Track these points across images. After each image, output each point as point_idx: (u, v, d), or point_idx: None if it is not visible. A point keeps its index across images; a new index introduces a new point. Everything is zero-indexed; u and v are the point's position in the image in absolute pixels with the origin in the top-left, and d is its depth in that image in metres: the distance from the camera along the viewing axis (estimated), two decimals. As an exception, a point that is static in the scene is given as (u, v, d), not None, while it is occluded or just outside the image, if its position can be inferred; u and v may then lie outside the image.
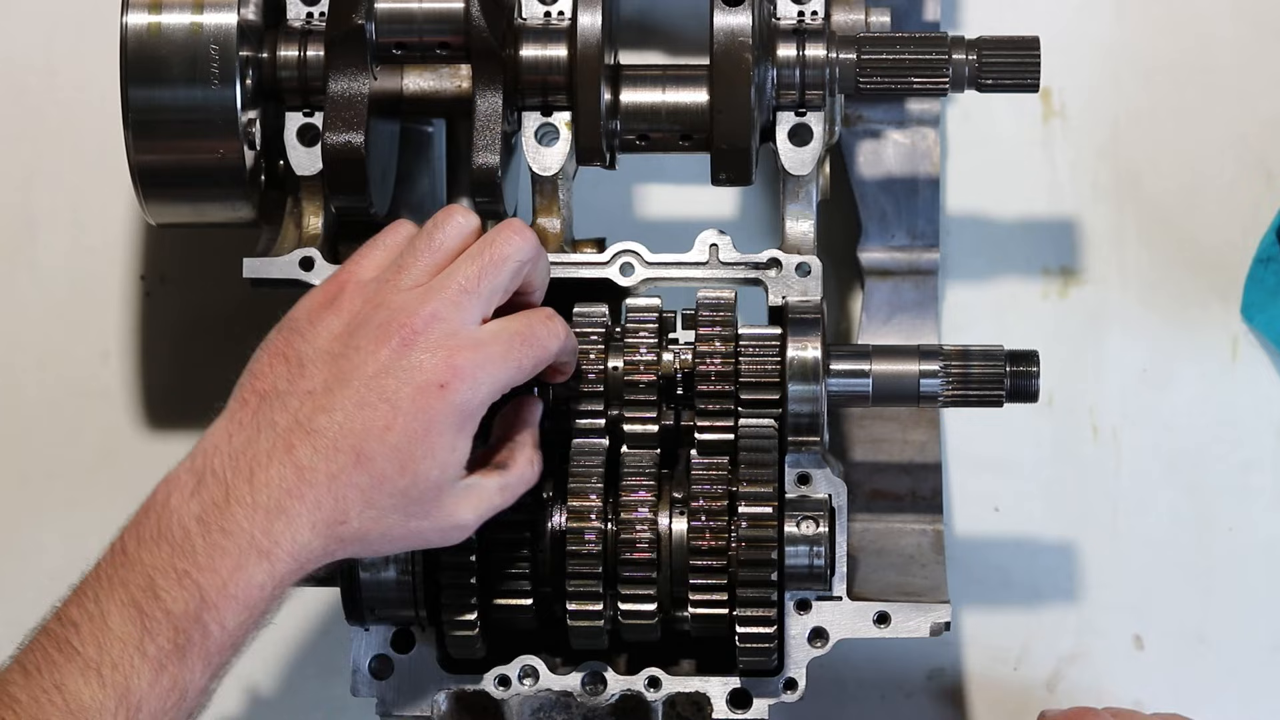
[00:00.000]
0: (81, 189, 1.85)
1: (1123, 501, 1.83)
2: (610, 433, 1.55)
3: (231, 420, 1.41)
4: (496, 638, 1.56)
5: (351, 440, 1.39)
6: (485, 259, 1.44)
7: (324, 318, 1.44)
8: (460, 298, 1.43)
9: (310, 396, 1.40)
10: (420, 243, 1.46)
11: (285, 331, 1.44)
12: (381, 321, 1.42)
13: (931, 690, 1.82)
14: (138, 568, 1.35)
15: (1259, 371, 1.83)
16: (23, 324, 1.85)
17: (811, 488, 1.54)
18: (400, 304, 1.42)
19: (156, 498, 1.38)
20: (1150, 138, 1.84)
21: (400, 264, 1.45)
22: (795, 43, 1.58)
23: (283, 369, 1.42)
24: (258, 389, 1.41)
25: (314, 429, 1.39)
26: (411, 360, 1.40)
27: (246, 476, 1.37)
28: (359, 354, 1.41)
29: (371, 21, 1.57)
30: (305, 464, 1.38)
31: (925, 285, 1.77)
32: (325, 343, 1.42)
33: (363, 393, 1.40)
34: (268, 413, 1.40)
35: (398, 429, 1.39)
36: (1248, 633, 1.82)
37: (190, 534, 1.35)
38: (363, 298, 1.44)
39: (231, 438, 1.39)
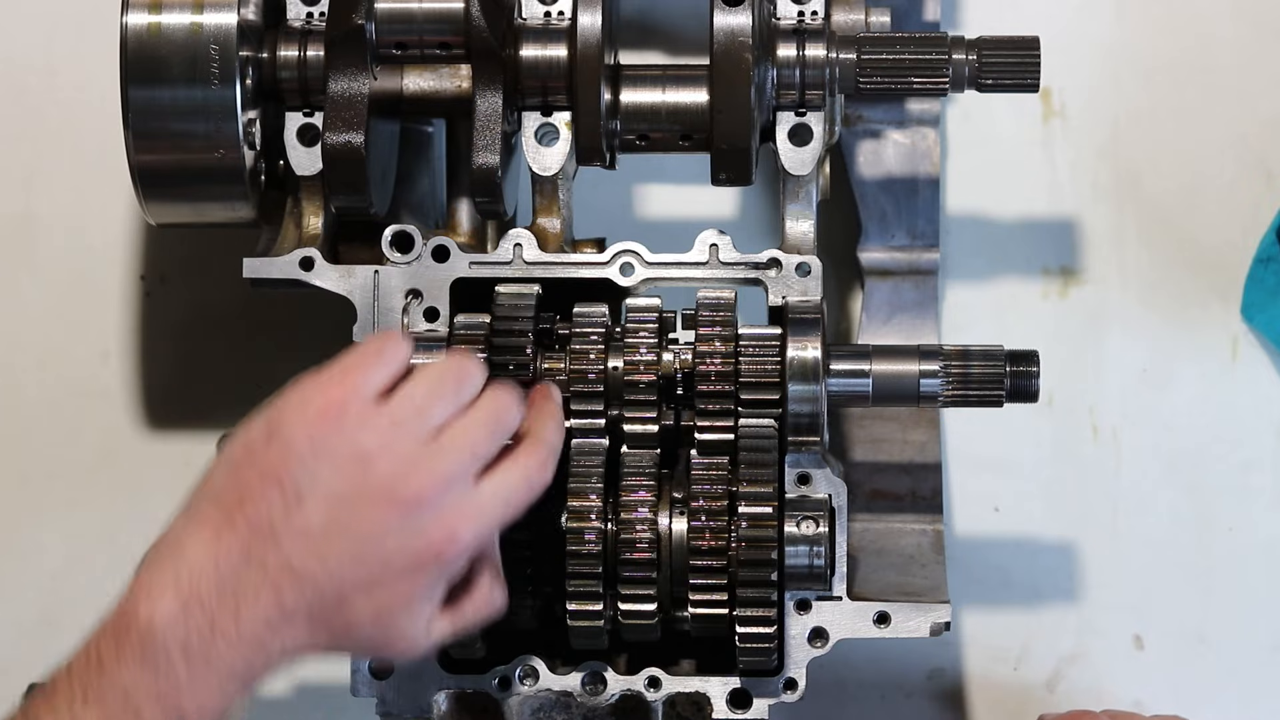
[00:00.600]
0: (81, 189, 1.85)
1: (1123, 501, 1.83)
2: (610, 433, 1.55)
3: (219, 542, 1.36)
4: (496, 638, 1.56)
5: (338, 588, 1.37)
6: (496, 428, 1.42)
7: (329, 443, 1.38)
8: (473, 464, 1.40)
9: (305, 538, 1.36)
10: (441, 389, 1.41)
11: (280, 447, 1.37)
12: (393, 474, 1.38)
13: (931, 690, 1.82)
14: (116, 684, 1.33)
15: (1259, 371, 1.83)
16: (23, 324, 1.85)
17: (811, 488, 1.54)
18: (414, 459, 1.38)
19: (139, 614, 1.34)
20: (1150, 138, 1.84)
21: (418, 406, 1.40)
22: (795, 43, 1.58)
23: (277, 498, 1.37)
24: (249, 516, 1.36)
25: (305, 573, 1.36)
26: (415, 525, 1.38)
27: (232, 610, 1.35)
28: (366, 506, 1.37)
29: (371, 21, 1.57)
30: (290, 605, 1.36)
31: (925, 285, 1.77)
32: (329, 477, 1.37)
33: (360, 549, 1.37)
34: (259, 548, 1.36)
35: (386, 587, 1.38)
36: (1248, 633, 1.82)
37: (173, 660, 1.33)
38: (374, 433, 1.38)
39: (218, 564, 1.35)
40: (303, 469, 1.37)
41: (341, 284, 1.57)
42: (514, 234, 1.57)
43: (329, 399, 1.39)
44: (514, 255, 1.57)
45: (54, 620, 1.82)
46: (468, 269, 1.57)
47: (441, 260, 1.57)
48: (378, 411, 1.40)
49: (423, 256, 1.56)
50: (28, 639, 1.82)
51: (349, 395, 1.39)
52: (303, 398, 1.40)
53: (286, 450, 1.37)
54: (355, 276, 1.57)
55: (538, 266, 1.57)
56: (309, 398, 1.39)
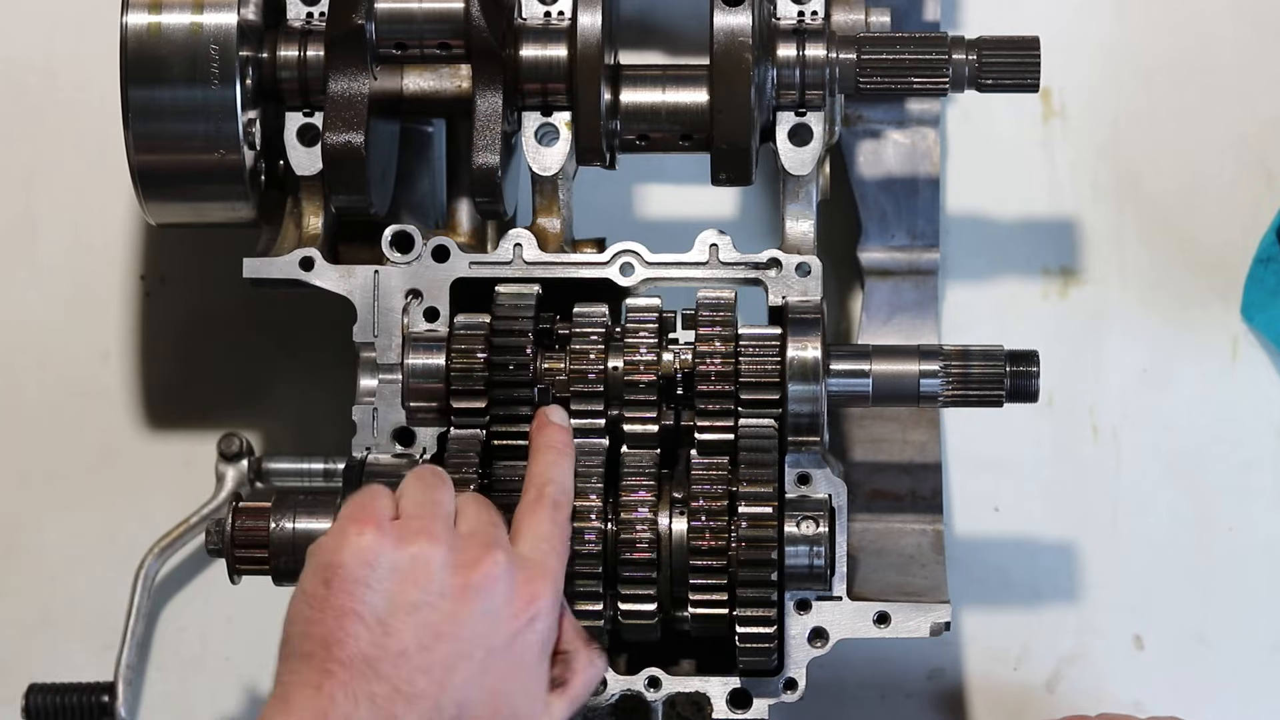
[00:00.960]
0: (81, 189, 1.85)
1: (1123, 501, 1.83)
2: (610, 433, 1.55)
3: (321, 694, 1.36)
4: (496, 638, 1.56)
5: (452, 696, 1.38)
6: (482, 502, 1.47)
7: (382, 562, 1.39)
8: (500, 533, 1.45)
9: (404, 659, 1.37)
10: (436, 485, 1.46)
11: (342, 583, 1.39)
12: (455, 563, 1.40)
13: (931, 690, 1.82)
14: None
15: (1259, 371, 1.83)
16: (23, 324, 1.85)
17: (811, 488, 1.54)
18: (462, 546, 1.42)
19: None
20: (1150, 138, 1.84)
21: (430, 501, 1.44)
22: (795, 43, 1.58)
23: (361, 630, 1.37)
24: (340, 658, 1.36)
25: (415, 693, 1.37)
26: (497, 600, 1.41)
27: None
28: (445, 602, 1.39)
29: (371, 21, 1.57)
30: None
31: (925, 285, 1.77)
32: (398, 593, 1.39)
33: (458, 648, 1.39)
34: (364, 684, 1.36)
35: (494, 671, 1.40)
36: (1248, 633, 1.82)
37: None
38: (413, 535, 1.41)
39: (328, 715, 1.35)
40: (372, 594, 1.39)
41: (341, 284, 1.57)
42: (514, 234, 1.57)
43: (362, 525, 1.41)
44: (514, 255, 1.57)
45: (54, 620, 1.82)
46: (468, 269, 1.57)
47: (441, 260, 1.57)
48: (402, 522, 1.42)
49: (423, 256, 1.56)
50: (28, 639, 1.82)
51: (377, 516, 1.42)
52: (338, 535, 1.41)
53: (350, 583, 1.39)
54: (355, 276, 1.57)
55: (538, 266, 1.57)
56: (344, 531, 1.41)
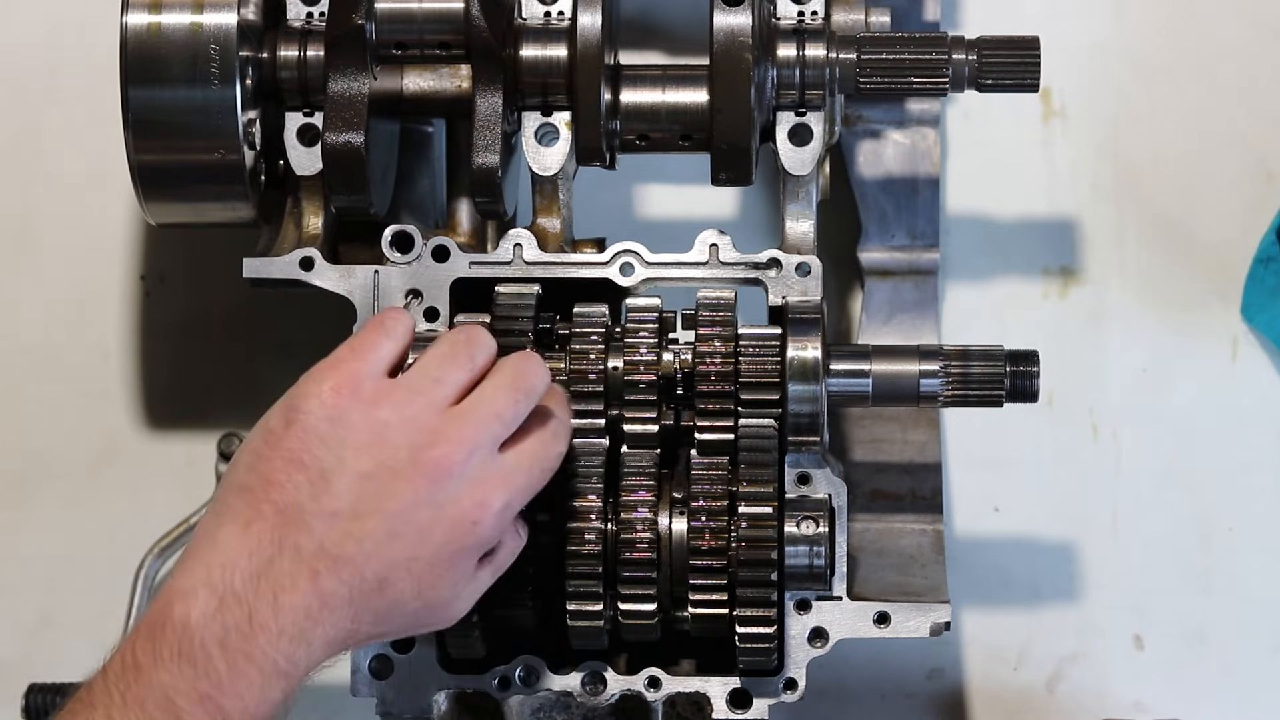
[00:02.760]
0: (81, 189, 1.85)
1: (1123, 501, 1.83)
2: (610, 433, 1.55)
3: (248, 533, 1.34)
4: (496, 638, 1.56)
5: (377, 568, 1.36)
6: (517, 389, 1.42)
7: (348, 419, 1.37)
8: (495, 427, 1.40)
9: (336, 520, 1.35)
10: (454, 357, 1.42)
11: (299, 430, 1.37)
12: (415, 444, 1.37)
13: (931, 690, 1.82)
14: (155, 688, 1.30)
15: (1259, 371, 1.83)
16: (23, 324, 1.85)
17: (811, 488, 1.54)
18: (436, 428, 1.38)
19: (174, 614, 1.32)
20: (1150, 138, 1.84)
21: (430, 375, 1.40)
22: (795, 43, 1.58)
23: (303, 481, 1.36)
24: (275, 501, 1.35)
25: (341, 556, 1.35)
26: (447, 493, 1.37)
27: (270, 601, 1.33)
28: (393, 479, 1.37)
29: (371, 21, 1.57)
30: (328, 590, 1.34)
31: (925, 285, 1.77)
32: (352, 456, 1.37)
33: (395, 524, 1.36)
34: (291, 533, 1.34)
35: (424, 559, 1.37)
36: (1248, 633, 1.82)
37: (213, 657, 1.31)
38: (391, 406, 1.38)
39: (251, 555, 1.34)
40: (325, 449, 1.37)
41: (341, 284, 1.57)
42: (514, 234, 1.57)
43: (342, 376, 1.39)
44: (514, 255, 1.57)
45: (54, 620, 1.82)
46: (468, 269, 1.57)
47: (441, 260, 1.57)
48: (392, 384, 1.40)
49: (423, 256, 1.56)
50: (28, 639, 1.82)
51: (361, 371, 1.39)
52: (316, 379, 1.39)
53: (306, 432, 1.37)
54: (355, 276, 1.57)
55: (538, 266, 1.57)
56: (322, 378, 1.39)
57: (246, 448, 1.39)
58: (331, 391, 1.38)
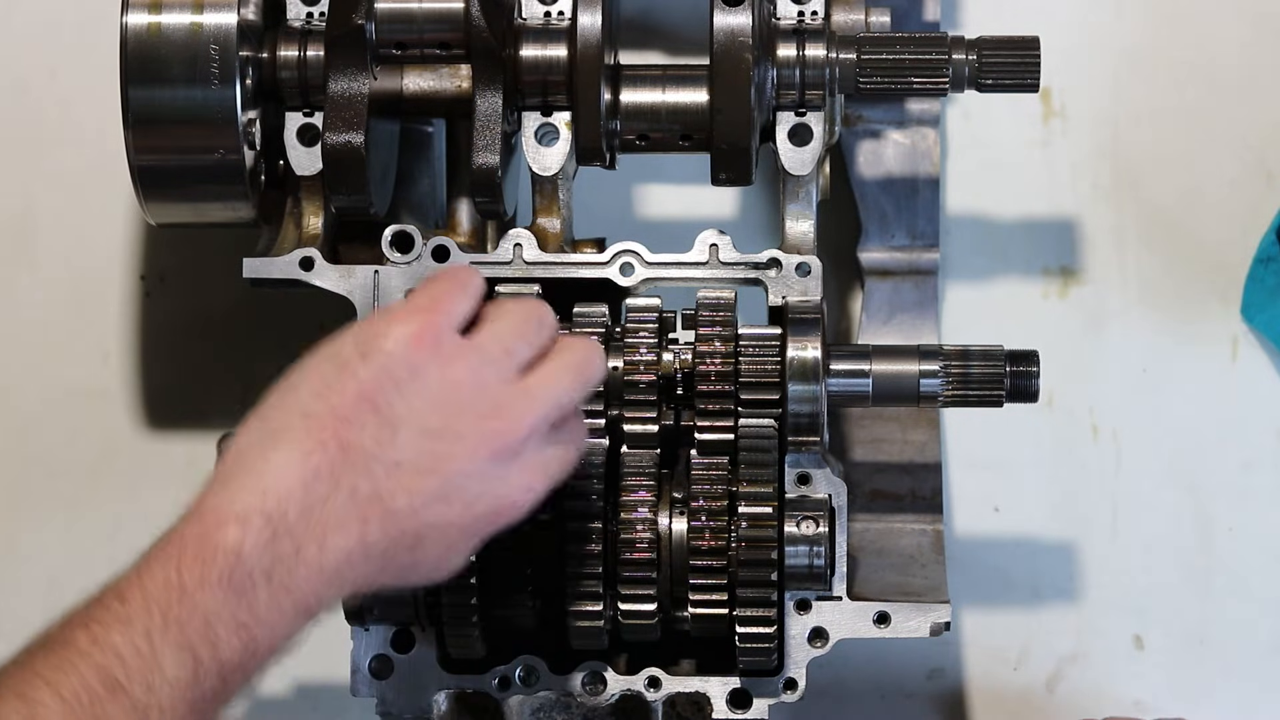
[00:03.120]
0: (81, 189, 1.85)
1: (1123, 501, 1.83)
2: (610, 433, 1.55)
3: (307, 463, 1.31)
4: (496, 638, 1.56)
5: (418, 527, 1.34)
6: (581, 377, 1.41)
7: (425, 372, 1.35)
8: (554, 413, 1.39)
9: (397, 470, 1.33)
10: (525, 330, 1.40)
11: (378, 370, 1.34)
12: (484, 413, 1.35)
13: (931, 690, 1.82)
14: (197, 612, 1.27)
15: (1259, 371, 1.83)
16: (23, 324, 1.85)
17: (811, 488, 1.54)
18: (504, 401, 1.36)
19: (227, 538, 1.28)
20: (1150, 138, 1.84)
21: (504, 344, 1.38)
22: (795, 43, 1.58)
23: (372, 423, 1.33)
24: (341, 438, 1.32)
25: (393, 508, 1.33)
26: (501, 470, 1.36)
27: (318, 538, 1.31)
28: (458, 444, 1.35)
29: (371, 21, 1.57)
30: (372, 540, 1.33)
31: (925, 285, 1.77)
32: (423, 408, 1.34)
33: (448, 489, 1.34)
34: (350, 475, 1.32)
35: (458, 529, 1.36)
36: (1248, 633, 1.82)
37: (257, 587, 1.29)
38: (466, 365, 1.36)
39: (307, 488, 1.31)
40: (399, 395, 1.34)
41: (341, 284, 1.57)
42: (514, 234, 1.57)
43: (424, 325, 1.36)
44: (514, 255, 1.57)
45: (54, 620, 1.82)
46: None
47: (441, 260, 1.57)
48: (468, 346, 1.38)
49: (423, 256, 1.56)
50: (28, 639, 1.82)
51: (441, 325, 1.37)
52: (398, 321, 1.36)
53: (384, 373, 1.34)
54: (355, 276, 1.57)
55: (538, 266, 1.57)
56: (403, 321, 1.36)
57: (311, 369, 1.36)
58: (413, 338, 1.35)
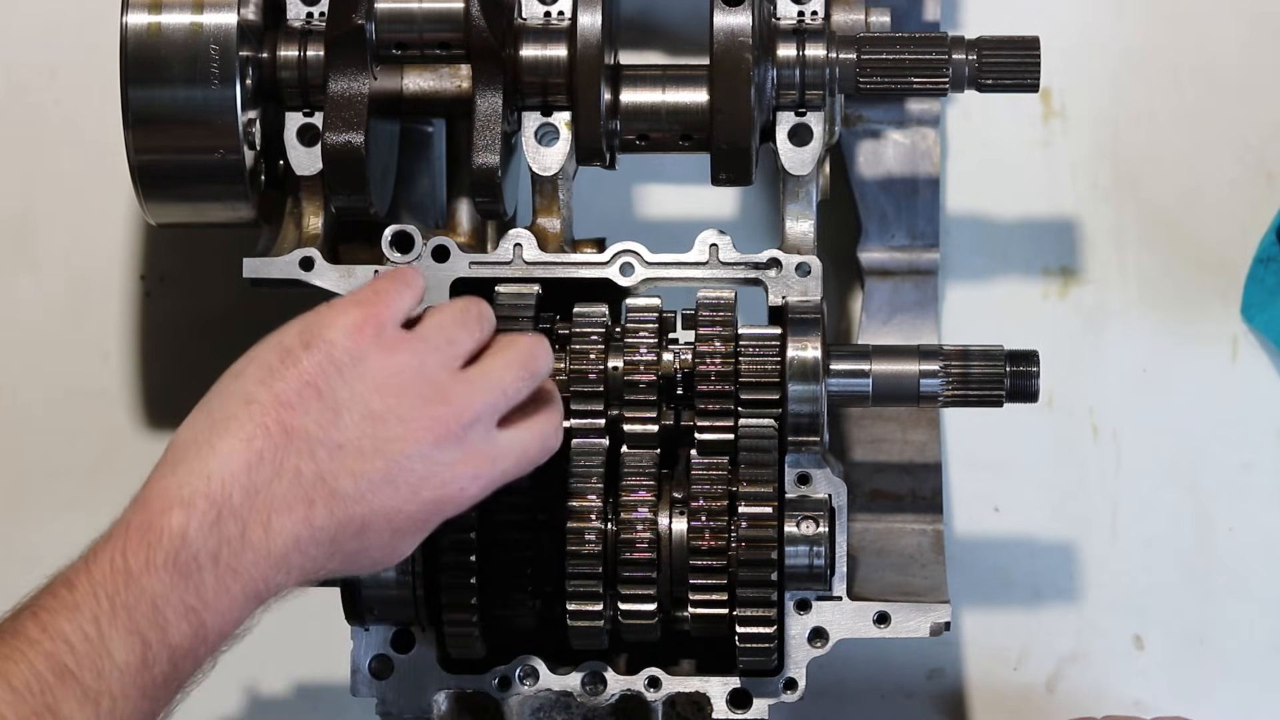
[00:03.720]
0: (81, 189, 1.85)
1: (1123, 501, 1.83)
2: (610, 433, 1.55)
3: (249, 448, 1.33)
4: (496, 638, 1.56)
5: (364, 512, 1.36)
6: (525, 369, 1.43)
7: (368, 358, 1.37)
8: (501, 401, 1.41)
9: (340, 452, 1.35)
10: (466, 322, 1.42)
11: (321, 356, 1.36)
12: (428, 397, 1.38)
13: (931, 690, 1.82)
14: (144, 596, 1.29)
15: (1259, 371, 1.83)
16: (23, 324, 1.85)
17: (811, 488, 1.54)
18: (447, 386, 1.39)
19: (171, 522, 1.30)
20: (1150, 138, 1.84)
21: (446, 334, 1.41)
22: (795, 43, 1.58)
23: (315, 406, 1.35)
24: (284, 422, 1.34)
25: (338, 491, 1.35)
26: (446, 455, 1.37)
27: (263, 521, 1.32)
28: (402, 427, 1.37)
29: (371, 21, 1.57)
30: (319, 523, 1.34)
31: (925, 285, 1.77)
32: (366, 393, 1.37)
33: (393, 471, 1.36)
34: (293, 458, 1.34)
35: (405, 515, 1.37)
36: (1248, 633, 1.82)
37: (203, 570, 1.30)
38: (410, 352, 1.39)
39: (250, 471, 1.33)
40: (342, 381, 1.36)
41: (341, 284, 1.57)
42: (514, 234, 1.57)
43: (366, 315, 1.39)
44: (514, 255, 1.57)
45: (54, 620, 1.82)
46: (468, 269, 1.57)
47: (441, 260, 1.57)
48: (410, 335, 1.40)
49: (423, 256, 1.56)
50: None
51: (384, 315, 1.40)
52: (340, 311, 1.39)
53: (327, 359, 1.37)
54: (355, 276, 1.57)
55: (538, 266, 1.57)
56: (346, 311, 1.39)
57: (254, 358, 1.38)
58: (355, 327, 1.38)
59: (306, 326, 1.39)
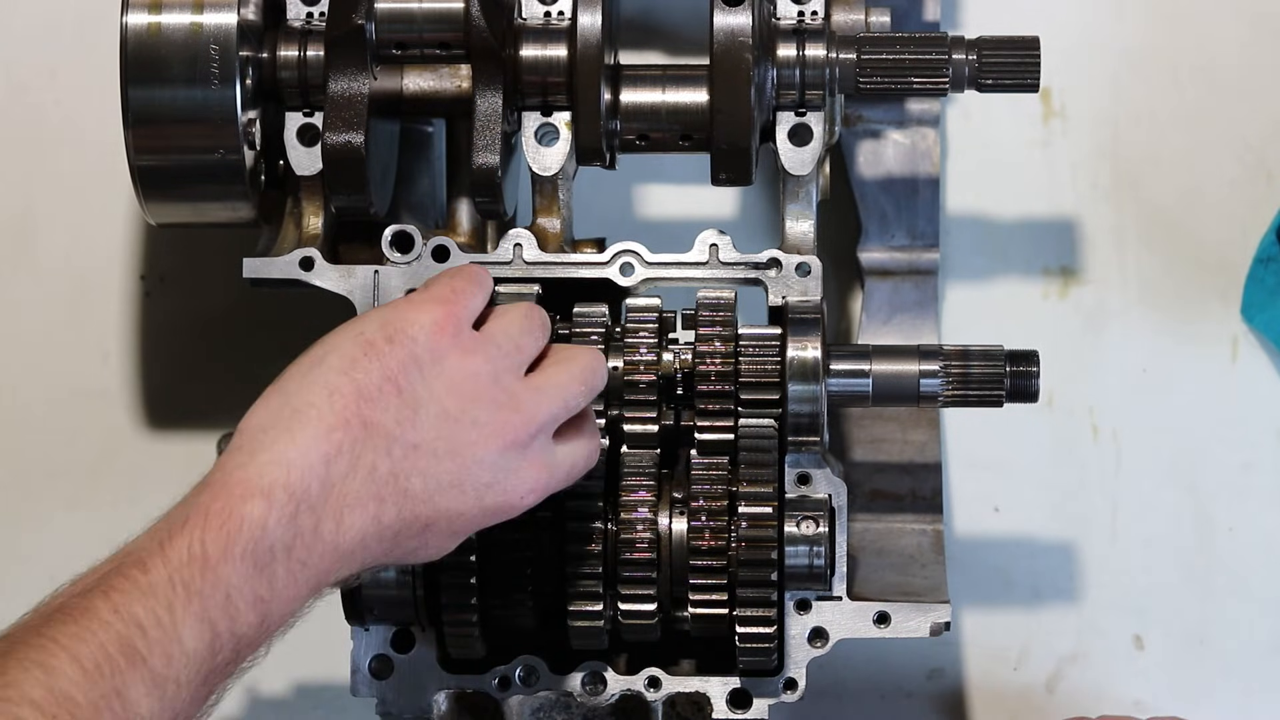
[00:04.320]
0: (81, 189, 1.85)
1: (1123, 501, 1.83)
2: (610, 433, 1.55)
3: (329, 439, 1.33)
4: (496, 638, 1.56)
5: (429, 512, 1.36)
6: (585, 383, 1.44)
7: (446, 358, 1.38)
8: (562, 413, 1.42)
9: (415, 451, 1.35)
10: (531, 328, 1.44)
11: (403, 352, 1.37)
12: (499, 403, 1.38)
13: (931, 690, 1.82)
14: (219, 585, 1.27)
15: (1259, 371, 1.83)
16: (23, 324, 1.85)
17: (811, 488, 1.54)
18: (517, 393, 1.40)
19: (252, 511, 1.29)
20: (1150, 138, 1.84)
21: (515, 340, 1.42)
22: (795, 43, 1.58)
23: (394, 403, 1.35)
24: (364, 416, 1.34)
25: (407, 490, 1.35)
26: (510, 462, 1.38)
27: (336, 515, 1.32)
28: (475, 430, 1.37)
29: (371, 21, 1.57)
30: (386, 522, 1.34)
31: (925, 285, 1.77)
32: (443, 393, 1.37)
33: (461, 476, 1.37)
34: (370, 453, 1.33)
35: (466, 518, 1.38)
36: (1248, 633, 1.82)
37: (276, 560, 1.29)
38: (484, 356, 1.39)
39: (328, 463, 1.32)
40: (421, 379, 1.37)
41: (341, 284, 1.57)
42: (514, 234, 1.57)
43: (446, 315, 1.39)
44: (514, 255, 1.57)
45: (54, 620, 1.82)
46: (468, 269, 1.57)
47: (441, 260, 1.57)
48: (483, 338, 1.41)
49: (423, 256, 1.56)
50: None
51: (461, 315, 1.40)
52: (421, 308, 1.39)
53: (409, 356, 1.37)
54: (355, 276, 1.57)
55: (538, 266, 1.57)
56: (426, 309, 1.39)
57: (336, 347, 1.37)
58: (436, 325, 1.38)
59: (388, 320, 1.38)
